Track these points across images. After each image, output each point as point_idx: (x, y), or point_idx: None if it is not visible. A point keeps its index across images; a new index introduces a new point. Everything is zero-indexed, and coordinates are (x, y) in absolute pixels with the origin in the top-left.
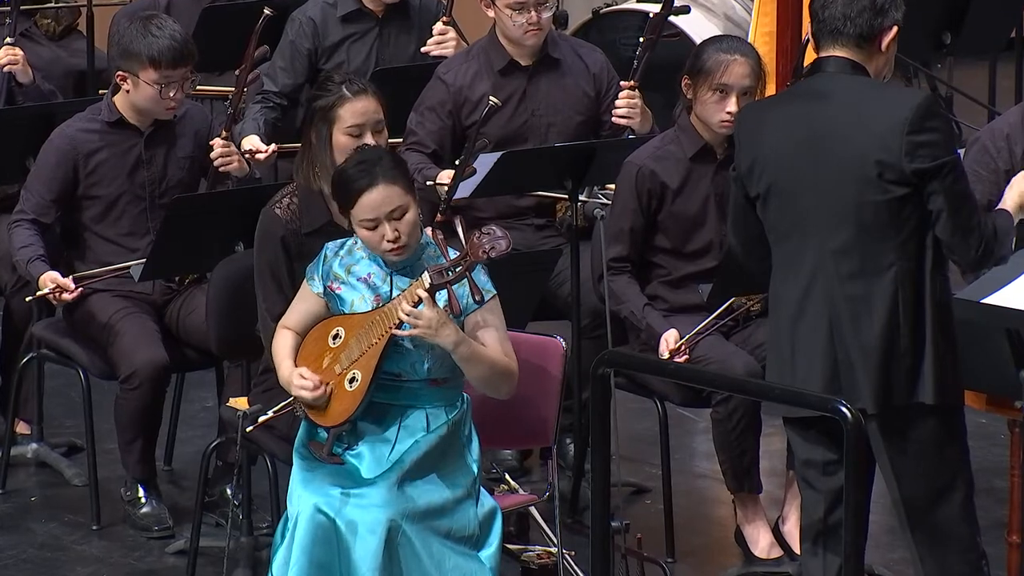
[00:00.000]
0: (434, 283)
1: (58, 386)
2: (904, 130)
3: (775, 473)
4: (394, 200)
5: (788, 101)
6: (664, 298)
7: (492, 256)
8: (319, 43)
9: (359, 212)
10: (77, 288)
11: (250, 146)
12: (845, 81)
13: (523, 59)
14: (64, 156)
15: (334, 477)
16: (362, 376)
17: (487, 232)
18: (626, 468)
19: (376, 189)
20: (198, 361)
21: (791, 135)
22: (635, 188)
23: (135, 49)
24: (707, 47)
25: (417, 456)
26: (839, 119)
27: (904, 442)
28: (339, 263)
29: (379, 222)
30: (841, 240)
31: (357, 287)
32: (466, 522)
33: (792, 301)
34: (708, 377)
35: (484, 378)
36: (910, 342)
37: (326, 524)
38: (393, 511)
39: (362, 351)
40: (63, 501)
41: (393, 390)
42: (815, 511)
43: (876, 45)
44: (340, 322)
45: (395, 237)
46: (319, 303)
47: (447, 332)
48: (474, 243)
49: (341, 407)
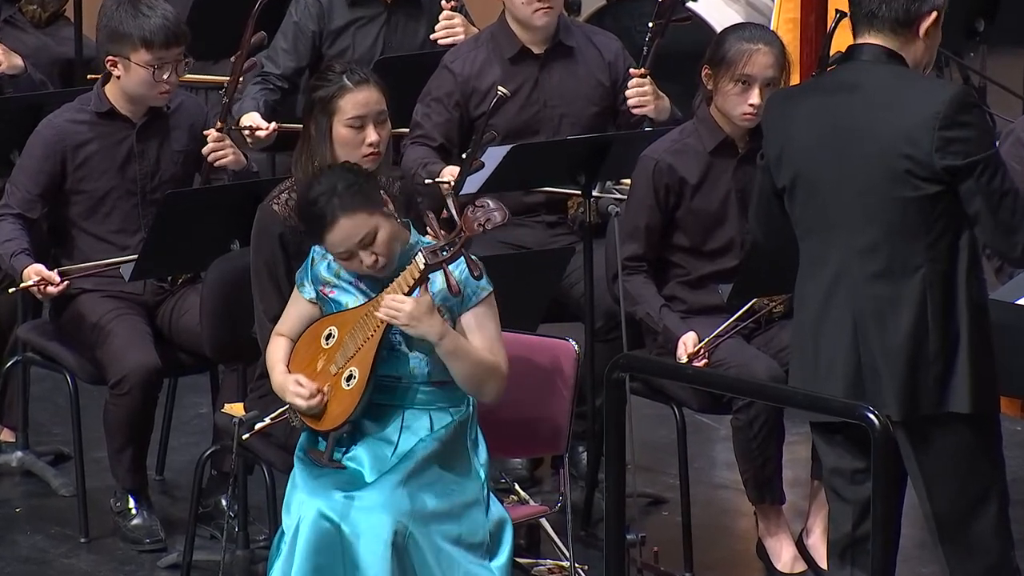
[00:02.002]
0: (428, 263)
1: (44, 391)
2: (935, 124)
3: (799, 483)
4: (360, 229)
5: (817, 90)
6: (682, 299)
7: (487, 228)
8: (324, 26)
9: (330, 248)
10: (63, 281)
11: (250, 123)
12: (877, 70)
13: (535, 46)
14: (52, 148)
15: (336, 481)
16: (360, 372)
17: (480, 205)
18: (642, 478)
19: (337, 226)
20: (192, 365)
21: (818, 127)
22: (652, 183)
23: (125, 30)
24: (728, 35)
25: (421, 456)
26: (868, 111)
27: (934, 451)
28: (327, 266)
29: (353, 252)
30: (868, 238)
31: (349, 289)
32: (476, 528)
33: (816, 299)
34: (728, 382)
35: (468, 375)
36: (940, 348)
37: (330, 530)
38: (398, 512)
39: (357, 346)
40: (49, 512)
41: (394, 391)
42: (843, 523)
43: (914, 31)
44: (332, 321)
45: (373, 262)
46: (312, 308)
47: (430, 323)
48: (467, 217)
49: (340, 408)
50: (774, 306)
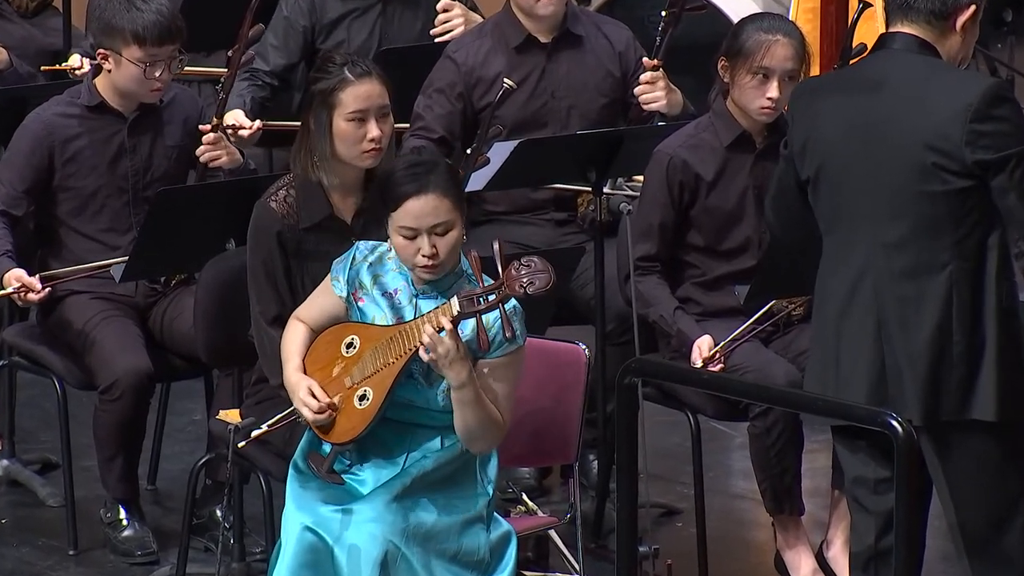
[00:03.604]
0: (463, 310)
1: (31, 397)
2: (967, 117)
3: (818, 493)
4: (441, 213)
5: (844, 81)
6: (697, 301)
7: (529, 292)
8: (316, 19)
9: (400, 218)
10: (44, 288)
11: (233, 120)
12: (908, 60)
13: (541, 35)
14: (39, 143)
15: (328, 494)
16: (374, 396)
17: (527, 264)
18: (655, 488)
19: (425, 197)
20: (185, 369)
21: (845, 117)
22: (666, 179)
23: (118, 24)
24: (746, 26)
25: (423, 471)
26: (897, 102)
27: (957, 459)
28: (367, 269)
29: (419, 233)
30: (895, 234)
31: (380, 303)
32: (476, 547)
33: (839, 296)
34: (745, 388)
35: (470, 427)
36: (964, 350)
37: (317, 546)
38: (389, 529)
39: (377, 368)
40: (36, 524)
41: (405, 408)
42: (866, 535)
43: (950, 24)
44: (357, 330)
45: (432, 253)
46: (339, 305)
47: (458, 369)
48: (511, 275)
49: (348, 424)
50: (793, 308)
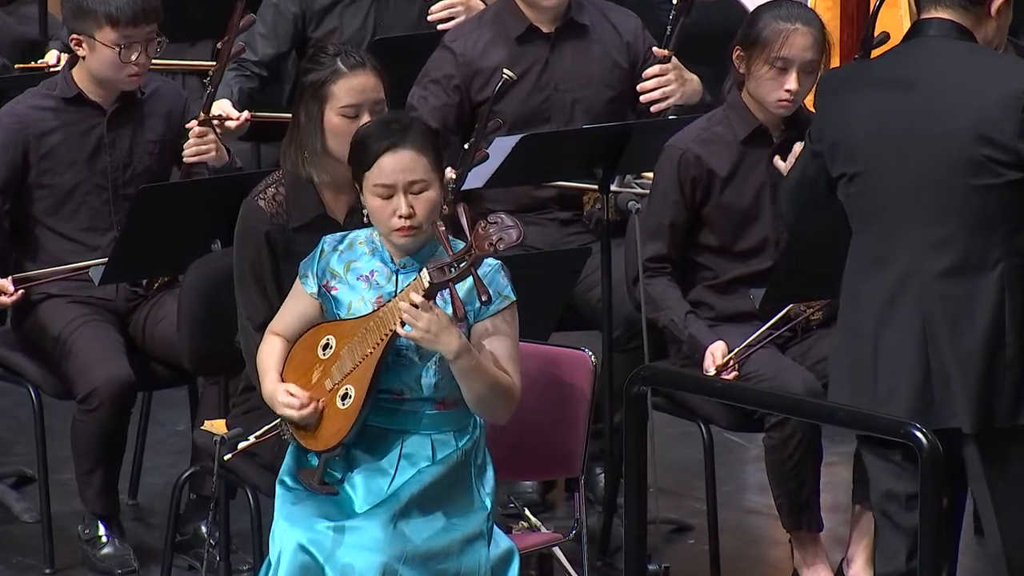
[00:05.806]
0: (434, 281)
1: (5, 407)
2: (1019, 105)
3: (838, 508)
4: (418, 170)
5: (877, 73)
6: (710, 304)
7: (500, 248)
8: (307, 6)
9: (375, 175)
10: (17, 291)
11: (219, 111)
12: (948, 47)
13: (544, 25)
14: (13, 137)
15: (321, 509)
16: (356, 392)
17: (494, 221)
18: (665, 502)
19: (400, 152)
20: (168, 378)
21: (883, 110)
22: (677, 176)
23: (89, 6)
24: (763, 14)
25: (418, 489)
26: (938, 95)
27: (1008, 470)
28: (338, 258)
29: (394, 191)
30: (941, 232)
31: (356, 287)
32: (476, 565)
33: (876, 301)
34: (760, 397)
35: (481, 397)
36: (1018, 352)
37: (311, 566)
38: (387, 554)
39: (355, 363)
40: (11, 540)
41: (392, 413)
42: (895, 554)
43: (986, 9)
44: (331, 329)
45: (408, 213)
46: (313, 305)
47: (447, 339)
48: (479, 234)
49: (333, 428)
50: (811, 313)
